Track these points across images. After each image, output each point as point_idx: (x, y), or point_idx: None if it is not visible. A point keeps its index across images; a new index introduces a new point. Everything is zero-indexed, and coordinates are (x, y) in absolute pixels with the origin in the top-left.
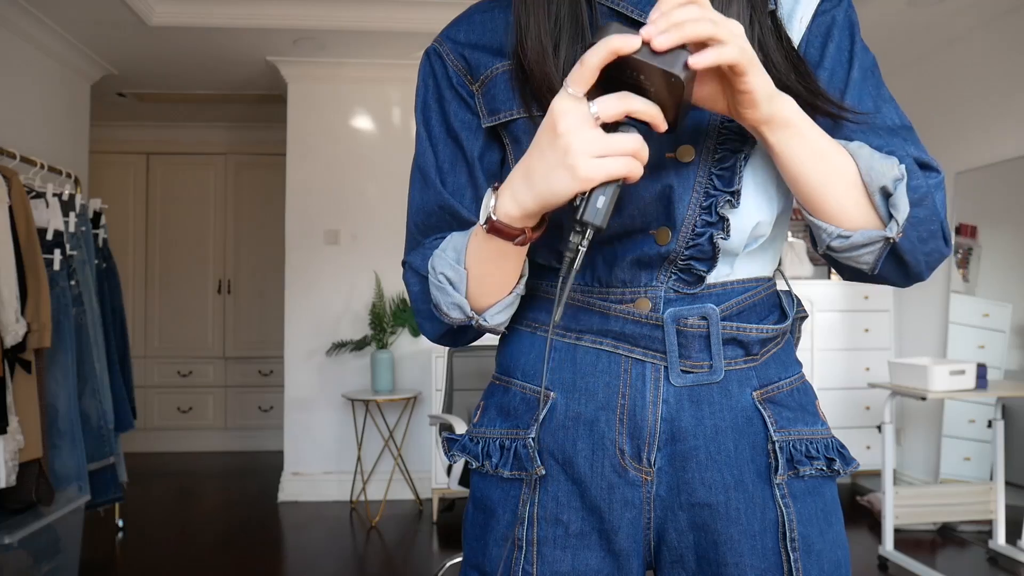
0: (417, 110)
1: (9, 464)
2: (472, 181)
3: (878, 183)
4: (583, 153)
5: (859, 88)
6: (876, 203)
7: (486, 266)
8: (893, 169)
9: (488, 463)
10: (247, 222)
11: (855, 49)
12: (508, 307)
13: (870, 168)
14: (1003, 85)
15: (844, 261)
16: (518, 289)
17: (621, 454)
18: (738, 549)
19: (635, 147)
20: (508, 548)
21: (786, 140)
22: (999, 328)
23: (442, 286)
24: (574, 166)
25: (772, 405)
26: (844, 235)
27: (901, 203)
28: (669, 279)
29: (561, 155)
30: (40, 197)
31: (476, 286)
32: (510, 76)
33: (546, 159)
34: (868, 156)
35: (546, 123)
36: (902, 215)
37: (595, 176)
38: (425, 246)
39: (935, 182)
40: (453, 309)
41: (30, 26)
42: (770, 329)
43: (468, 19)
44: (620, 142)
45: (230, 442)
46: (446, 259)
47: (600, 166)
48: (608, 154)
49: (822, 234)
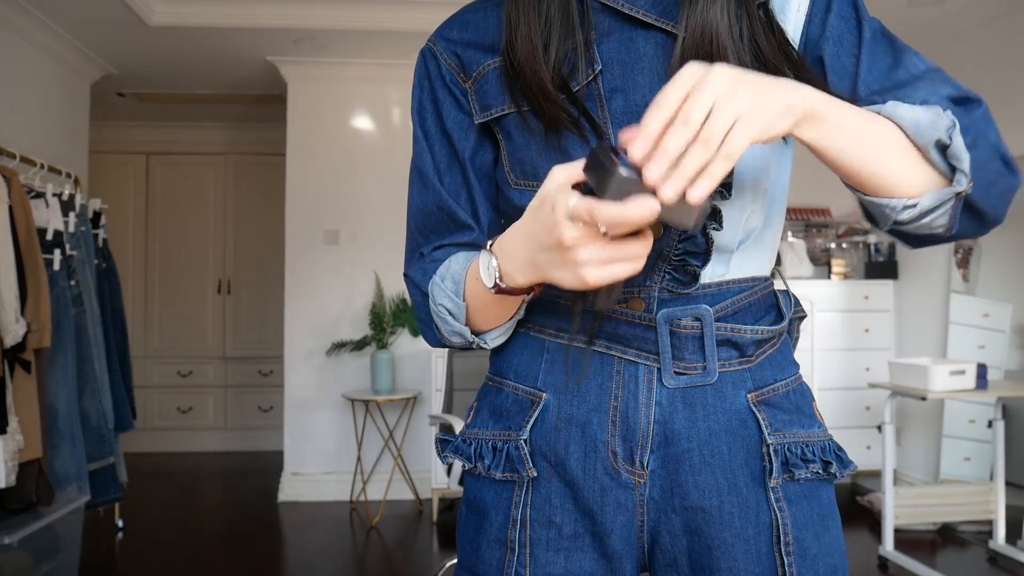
0: (413, 111)
1: (9, 464)
2: (466, 182)
3: (931, 138)
4: (586, 264)
5: (871, 48)
6: (933, 159)
7: (486, 304)
8: (941, 118)
9: (481, 464)
10: (247, 222)
11: (860, 14)
12: (508, 330)
13: (916, 124)
14: (1003, 85)
15: (915, 231)
16: (519, 314)
17: (614, 456)
18: (732, 553)
19: (642, 251)
20: (501, 552)
21: (819, 135)
22: (999, 328)
23: (442, 316)
24: (582, 275)
25: (767, 407)
26: (911, 204)
27: (961, 152)
28: (663, 278)
29: (569, 263)
30: (40, 197)
31: (476, 315)
32: (501, 72)
33: (551, 257)
34: (909, 113)
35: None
36: (966, 164)
37: (599, 283)
38: (425, 257)
39: (980, 114)
40: (454, 336)
41: (30, 26)
42: (765, 330)
43: (461, 18)
44: (627, 250)
45: (230, 442)
46: (445, 290)
47: (608, 273)
48: (615, 261)
49: (886, 210)
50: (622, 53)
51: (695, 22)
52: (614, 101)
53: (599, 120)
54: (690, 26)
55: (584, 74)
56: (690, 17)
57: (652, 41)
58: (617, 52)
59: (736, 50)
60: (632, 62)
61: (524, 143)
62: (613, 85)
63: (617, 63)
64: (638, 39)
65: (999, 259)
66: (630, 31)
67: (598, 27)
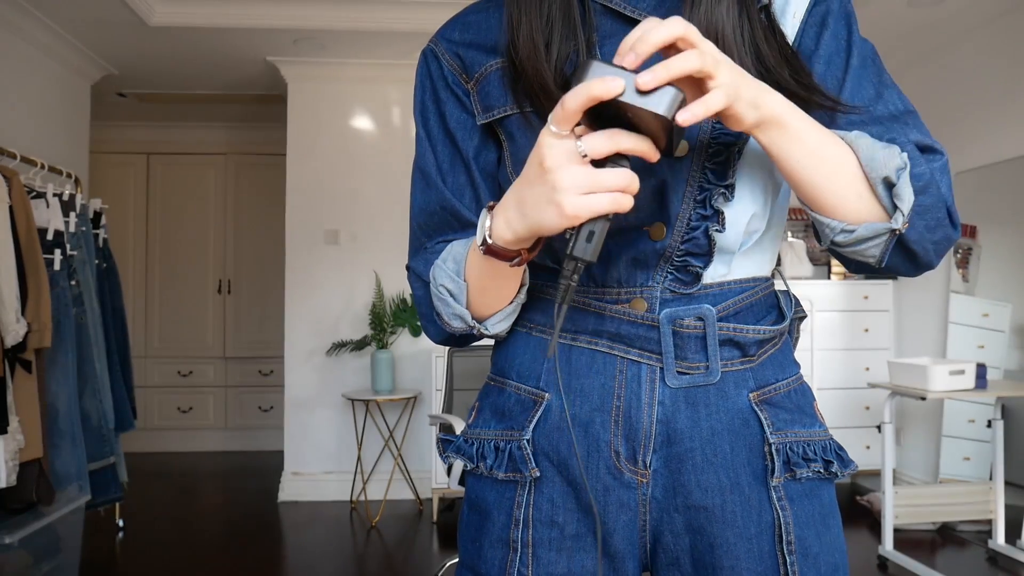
0: (416, 111)
1: (9, 464)
2: (470, 181)
3: (880, 173)
4: (569, 190)
5: (858, 75)
6: (879, 194)
7: (486, 280)
8: (895, 158)
9: (483, 464)
10: (247, 222)
11: (852, 38)
12: (509, 316)
13: (871, 158)
14: (1003, 85)
15: (850, 255)
16: (519, 298)
17: (616, 456)
18: (734, 552)
19: (623, 183)
20: (504, 551)
21: (779, 141)
22: (999, 328)
23: (443, 297)
24: (561, 203)
25: (769, 407)
26: (848, 229)
27: (905, 193)
28: (665, 278)
29: (549, 190)
30: (40, 197)
31: (477, 297)
32: (503, 73)
33: (535, 192)
34: (868, 146)
35: (534, 155)
36: (907, 205)
37: (581, 213)
38: (428, 250)
39: (939, 165)
40: (455, 319)
41: (30, 26)
42: (767, 330)
43: (463, 19)
44: (607, 178)
45: (230, 442)
46: (446, 270)
47: (586, 203)
48: (595, 190)
49: (825, 229)
50: None
51: (699, 21)
52: None
53: None
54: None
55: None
56: (693, 16)
57: None
58: None
59: (739, 52)
60: None
61: (526, 144)
62: None
63: None
64: None
65: (999, 259)
66: None
67: (600, 29)
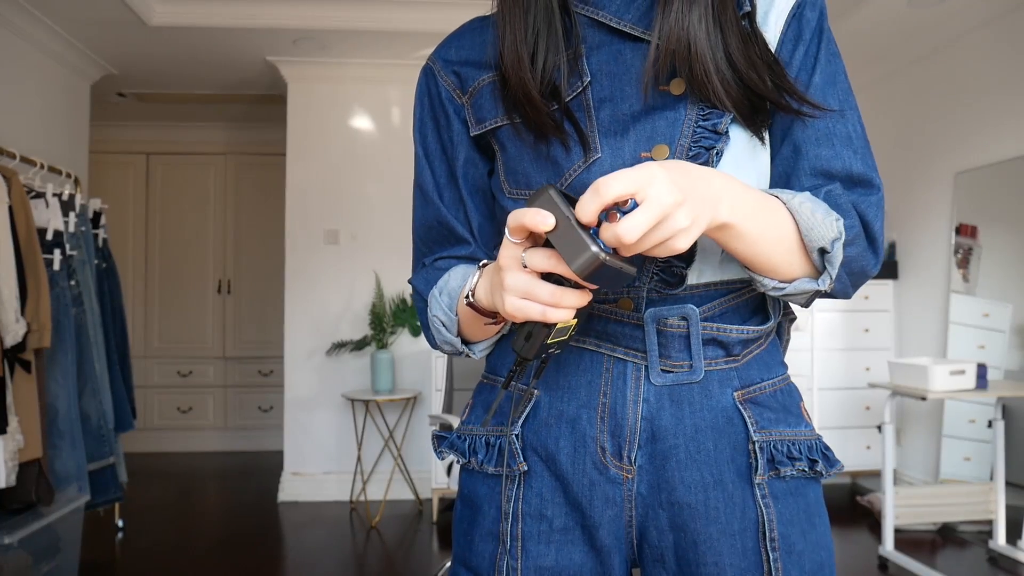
0: (415, 129)
1: (9, 464)
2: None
3: (816, 244)
4: (509, 291)
5: (821, 93)
6: (813, 258)
7: (473, 321)
8: (832, 229)
9: (474, 459)
10: (247, 222)
11: (820, 55)
12: (494, 343)
13: (810, 229)
14: (1003, 85)
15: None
16: (504, 330)
17: (602, 452)
18: (717, 548)
19: (553, 299)
20: (494, 545)
21: (724, 239)
22: (999, 328)
23: (436, 326)
24: (503, 299)
25: (753, 406)
26: (779, 287)
27: (836, 260)
28: (651, 279)
29: (499, 284)
30: (40, 197)
31: (467, 328)
32: (495, 86)
33: (495, 279)
34: (808, 216)
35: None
36: (835, 269)
37: (513, 313)
38: (427, 267)
39: (873, 200)
40: (445, 344)
41: (30, 26)
42: (752, 330)
43: (459, 37)
44: (539, 290)
45: (230, 442)
46: (440, 303)
47: (521, 307)
48: (529, 298)
49: (758, 284)
50: (611, 65)
51: (669, 28)
52: (602, 111)
53: (586, 130)
54: (664, 32)
55: (574, 85)
56: (663, 24)
57: (639, 53)
58: (606, 64)
59: (713, 58)
60: (620, 73)
61: (517, 153)
62: (602, 96)
63: (606, 74)
64: (626, 51)
65: (999, 259)
66: (618, 43)
67: (587, 40)
